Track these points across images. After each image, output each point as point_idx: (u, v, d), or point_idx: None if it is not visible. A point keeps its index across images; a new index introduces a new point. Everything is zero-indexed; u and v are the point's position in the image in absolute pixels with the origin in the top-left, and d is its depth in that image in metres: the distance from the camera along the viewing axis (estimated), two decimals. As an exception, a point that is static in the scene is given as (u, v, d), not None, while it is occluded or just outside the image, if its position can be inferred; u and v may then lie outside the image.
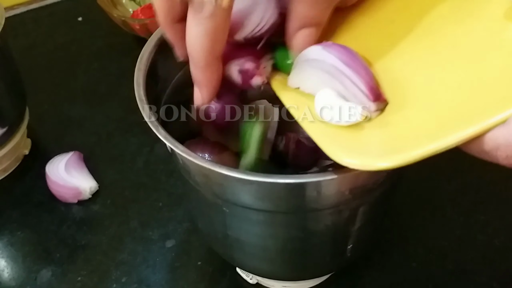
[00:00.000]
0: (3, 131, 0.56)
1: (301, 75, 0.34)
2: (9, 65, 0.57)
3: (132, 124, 0.64)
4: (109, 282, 0.49)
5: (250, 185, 0.32)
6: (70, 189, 0.55)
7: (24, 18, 0.84)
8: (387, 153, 0.29)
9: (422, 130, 0.29)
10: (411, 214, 0.53)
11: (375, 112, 0.32)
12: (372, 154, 0.30)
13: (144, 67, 0.39)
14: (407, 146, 0.29)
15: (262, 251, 0.39)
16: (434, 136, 0.28)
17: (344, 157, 0.29)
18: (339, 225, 0.37)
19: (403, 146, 0.29)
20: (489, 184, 0.55)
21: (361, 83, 0.31)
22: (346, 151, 0.30)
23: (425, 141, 0.28)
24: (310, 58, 0.33)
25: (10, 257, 0.52)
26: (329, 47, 0.33)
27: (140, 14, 0.74)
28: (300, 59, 0.34)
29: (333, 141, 0.31)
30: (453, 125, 0.28)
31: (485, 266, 0.48)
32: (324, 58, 0.32)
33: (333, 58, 0.32)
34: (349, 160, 0.29)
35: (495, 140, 0.27)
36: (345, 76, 0.32)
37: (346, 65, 0.32)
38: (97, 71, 0.73)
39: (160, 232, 0.53)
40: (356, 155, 0.29)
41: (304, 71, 0.34)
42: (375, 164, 0.28)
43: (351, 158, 0.29)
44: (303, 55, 0.34)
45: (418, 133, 0.29)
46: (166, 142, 0.33)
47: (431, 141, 0.28)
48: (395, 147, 0.29)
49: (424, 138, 0.29)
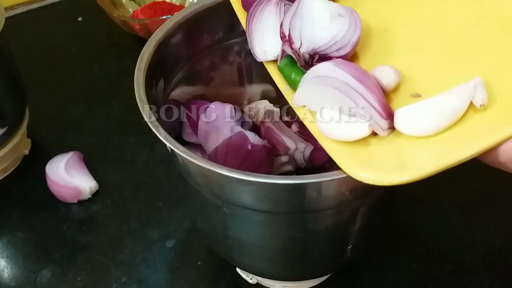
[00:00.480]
0: (3, 131, 0.56)
1: (309, 93, 0.33)
2: (9, 65, 0.57)
3: (132, 124, 0.64)
4: (109, 282, 0.49)
5: (250, 185, 0.32)
6: (70, 189, 0.55)
7: (24, 18, 0.84)
8: (402, 167, 0.29)
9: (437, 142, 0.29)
10: (411, 214, 0.53)
11: (387, 131, 0.31)
12: (387, 168, 0.29)
13: (144, 67, 0.39)
14: (423, 160, 0.29)
15: (262, 251, 0.39)
16: (449, 149, 0.28)
17: (358, 172, 0.29)
18: (339, 226, 0.37)
19: (419, 159, 0.29)
20: (489, 184, 0.55)
21: (374, 100, 0.31)
22: (360, 165, 0.30)
23: (441, 154, 0.28)
24: (321, 75, 0.33)
25: (10, 257, 0.52)
26: (341, 63, 0.32)
27: (140, 14, 0.74)
28: (308, 76, 0.34)
29: (347, 155, 0.31)
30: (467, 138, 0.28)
31: (485, 266, 0.48)
32: (336, 75, 0.32)
33: (345, 75, 0.31)
34: (364, 175, 0.29)
35: (509, 153, 0.27)
36: (357, 93, 0.31)
37: (359, 81, 0.31)
38: (97, 71, 0.73)
39: (160, 232, 0.53)
40: (371, 169, 0.29)
41: (313, 88, 0.33)
42: (391, 179, 0.28)
43: (366, 173, 0.29)
44: (312, 72, 0.33)
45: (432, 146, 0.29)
46: (166, 143, 0.33)
47: (446, 154, 0.28)
48: (410, 161, 0.29)
49: (439, 151, 0.29)
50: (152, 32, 0.42)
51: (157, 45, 0.40)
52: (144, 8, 0.75)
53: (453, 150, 0.28)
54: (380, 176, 0.29)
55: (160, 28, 0.42)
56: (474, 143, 0.28)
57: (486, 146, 0.27)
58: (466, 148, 0.28)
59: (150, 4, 0.76)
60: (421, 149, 0.29)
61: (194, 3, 0.44)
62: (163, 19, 0.65)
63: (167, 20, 0.42)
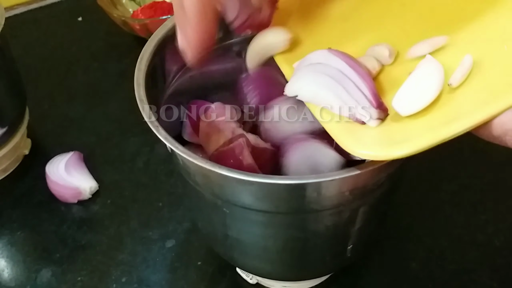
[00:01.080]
0: (3, 131, 0.56)
1: (301, 81, 0.34)
2: (9, 65, 0.57)
3: (132, 124, 0.64)
4: (109, 282, 0.49)
5: (250, 185, 0.32)
6: (70, 189, 0.55)
7: (24, 18, 0.84)
8: (399, 142, 0.29)
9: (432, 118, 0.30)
10: (411, 214, 0.53)
11: (376, 121, 0.31)
12: (385, 144, 0.30)
13: (144, 67, 0.39)
14: (419, 134, 0.29)
15: (262, 251, 0.39)
16: (444, 123, 0.29)
17: (358, 149, 0.30)
18: (339, 226, 0.37)
19: (415, 134, 0.29)
20: (489, 184, 0.55)
21: (366, 88, 0.31)
22: (359, 143, 0.30)
23: (436, 128, 0.29)
24: (314, 62, 0.33)
25: (10, 257, 0.52)
26: (335, 51, 0.33)
27: (140, 14, 0.74)
28: (302, 63, 0.34)
29: (347, 134, 0.31)
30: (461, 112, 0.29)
31: (485, 266, 0.48)
32: (330, 62, 0.32)
33: (339, 61, 0.32)
34: (363, 152, 0.29)
35: (503, 126, 0.27)
36: (349, 81, 0.32)
37: (352, 68, 0.32)
38: (97, 71, 0.73)
39: (160, 232, 0.53)
40: (369, 146, 0.30)
41: (305, 76, 0.33)
42: (390, 154, 0.29)
43: (365, 150, 0.30)
44: (307, 59, 0.34)
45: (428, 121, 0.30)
46: (166, 143, 0.33)
47: (441, 127, 0.28)
48: (406, 136, 0.29)
49: (434, 125, 0.29)
50: (152, 32, 0.42)
51: (157, 45, 0.40)
52: (144, 8, 0.75)
53: (447, 124, 0.28)
54: (378, 151, 0.29)
55: (160, 28, 0.42)
56: (467, 117, 0.28)
57: (480, 120, 0.28)
58: (459, 122, 0.28)
59: (150, 4, 0.76)
60: (417, 126, 0.30)
61: (194, 3, 0.44)
62: (163, 19, 0.65)
63: (167, 20, 0.42)
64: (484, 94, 0.29)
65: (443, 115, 0.30)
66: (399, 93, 0.31)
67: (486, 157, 0.58)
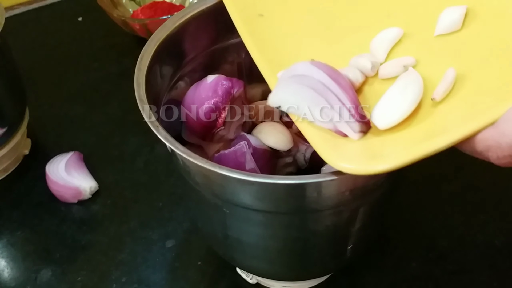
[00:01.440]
0: (3, 131, 0.56)
1: (284, 92, 0.33)
2: (9, 65, 0.57)
3: (132, 124, 0.64)
4: (109, 282, 0.49)
5: (250, 185, 0.32)
6: (70, 189, 0.55)
7: (24, 18, 0.84)
8: (379, 156, 0.29)
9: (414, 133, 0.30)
10: (411, 214, 0.53)
11: (358, 134, 0.31)
12: (365, 158, 0.30)
13: (144, 67, 0.39)
14: (400, 149, 0.29)
15: (262, 251, 0.39)
16: (426, 138, 0.28)
17: (338, 162, 0.30)
18: (339, 226, 0.37)
19: (396, 149, 0.29)
20: (489, 184, 0.55)
21: (348, 101, 0.31)
22: (341, 156, 0.30)
23: (417, 143, 0.28)
24: (297, 74, 0.33)
25: (10, 257, 0.52)
26: (318, 63, 0.33)
27: (140, 14, 0.75)
28: (285, 75, 0.34)
29: (328, 146, 0.31)
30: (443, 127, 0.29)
31: (485, 266, 0.48)
32: (312, 74, 0.32)
33: (322, 74, 0.32)
34: (344, 165, 0.29)
35: (485, 142, 0.27)
36: (331, 93, 0.31)
37: (334, 81, 0.32)
38: (97, 71, 0.73)
39: (160, 232, 0.53)
40: (350, 160, 0.30)
41: (288, 88, 0.33)
42: (369, 168, 0.28)
43: (346, 163, 0.29)
44: (290, 70, 0.34)
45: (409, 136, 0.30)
46: (166, 143, 0.33)
47: (422, 143, 0.28)
48: (387, 151, 0.29)
49: (415, 140, 0.29)
50: (152, 32, 0.42)
51: (157, 45, 0.40)
52: (144, 8, 0.75)
53: (429, 140, 0.28)
54: (358, 165, 0.29)
55: (160, 28, 0.42)
56: (449, 133, 0.28)
57: (461, 136, 0.27)
58: (441, 138, 0.28)
59: (150, 4, 0.76)
60: (398, 141, 0.30)
61: (194, 3, 0.44)
62: (163, 19, 0.65)
63: (167, 20, 0.42)
64: (466, 109, 0.29)
65: (425, 130, 0.29)
66: (377, 106, 0.31)
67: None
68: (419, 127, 0.30)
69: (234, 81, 0.42)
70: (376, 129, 0.31)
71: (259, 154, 0.41)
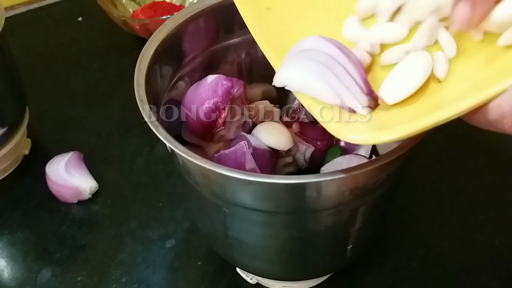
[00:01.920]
0: (3, 131, 0.56)
1: (291, 69, 0.32)
2: (9, 65, 0.57)
3: (132, 124, 0.64)
4: (109, 282, 0.49)
5: (250, 185, 0.32)
6: (70, 189, 0.55)
7: (24, 18, 0.84)
8: (388, 127, 0.29)
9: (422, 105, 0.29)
10: (411, 214, 0.53)
11: (366, 109, 0.31)
12: (374, 129, 0.30)
13: (144, 67, 0.39)
14: (408, 119, 0.28)
15: (262, 251, 0.39)
16: (434, 109, 0.28)
17: (348, 134, 0.29)
18: (339, 226, 0.37)
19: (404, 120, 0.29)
20: (489, 184, 0.55)
21: (357, 74, 0.31)
22: (349, 128, 0.30)
23: (426, 113, 0.28)
24: (306, 48, 0.32)
25: (10, 257, 0.52)
26: (326, 38, 0.32)
27: (140, 14, 0.75)
28: (292, 50, 0.33)
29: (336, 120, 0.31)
30: (453, 97, 0.28)
31: (485, 266, 0.48)
32: (321, 47, 0.32)
33: (332, 47, 0.31)
34: (353, 136, 0.29)
35: (499, 108, 0.26)
36: (341, 67, 0.31)
37: (344, 54, 0.31)
38: (97, 71, 0.73)
39: (160, 232, 0.53)
40: (359, 131, 0.29)
41: (295, 64, 0.32)
42: (379, 138, 0.28)
43: (355, 134, 0.29)
44: (297, 46, 0.33)
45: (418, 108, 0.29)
46: (166, 143, 0.33)
47: (431, 113, 0.28)
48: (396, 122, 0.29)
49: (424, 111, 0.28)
50: (152, 32, 0.42)
51: (157, 45, 0.40)
52: (144, 8, 0.75)
53: (437, 110, 0.28)
54: (367, 136, 0.29)
55: (160, 28, 0.42)
56: (459, 101, 0.27)
57: (473, 104, 0.27)
58: (451, 107, 0.27)
59: (150, 4, 0.76)
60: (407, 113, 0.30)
61: (194, 3, 0.44)
62: (163, 19, 0.65)
63: (167, 20, 0.42)
64: (477, 80, 0.28)
65: (435, 101, 0.29)
66: (385, 82, 0.31)
67: (486, 157, 0.58)
68: (428, 100, 0.29)
69: (234, 81, 0.42)
70: (383, 105, 0.31)
71: (259, 154, 0.41)
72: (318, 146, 0.46)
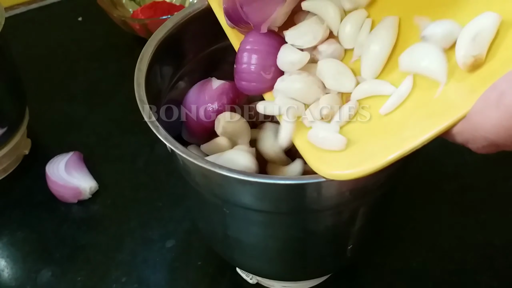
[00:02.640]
0: (3, 131, 0.56)
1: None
2: (9, 65, 0.57)
3: (132, 124, 0.64)
4: (109, 282, 0.49)
5: (250, 186, 0.32)
6: (70, 189, 0.55)
7: (24, 18, 0.84)
8: (363, 161, 0.30)
9: (386, 138, 0.30)
10: (411, 214, 0.53)
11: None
12: (352, 164, 0.30)
13: (144, 67, 0.39)
14: (377, 152, 0.29)
15: (262, 251, 0.39)
16: (398, 141, 0.29)
17: (329, 170, 0.31)
18: (339, 226, 0.37)
19: (370, 156, 0.30)
20: (488, 184, 0.55)
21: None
22: (330, 165, 0.31)
23: (390, 147, 0.29)
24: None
25: (10, 257, 0.52)
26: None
27: (140, 14, 0.74)
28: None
29: (317, 157, 0.32)
30: (415, 128, 0.29)
31: (485, 266, 0.48)
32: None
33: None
34: (335, 172, 0.30)
35: (461, 136, 0.27)
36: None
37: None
38: (97, 71, 0.73)
39: (160, 232, 0.53)
40: (339, 167, 0.30)
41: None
42: (358, 172, 0.30)
43: (336, 171, 0.30)
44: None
45: (383, 143, 0.30)
46: (166, 143, 0.33)
47: (395, 146, 0.29)
48: (369, 155, 0.30)
49: (388, 146, 0.29)
50: (152, 32, 0.42)
51: (157, 45, 0.40)
52: (144, 8, 0.75)
53: (403, 141, 0.29)
54: (348, 171, 0.30)
55: (160, 28, 0.42)
56: (423, 131, 0.28)
57: (434, 133, 0.28)
58: (415, 137, 0.28)
59: (150, 4, 0.76)
60: (373, 143, 0.31)
61: (194, 3, 0.44)
62: (163, 19, 0.65)
63: (167, 20, 0.42)
64: (436, 107, 0.29)
65: (400, 130, 0.30)
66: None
67: (486, 157, 0.57)
68: (392, 130, 0.30)
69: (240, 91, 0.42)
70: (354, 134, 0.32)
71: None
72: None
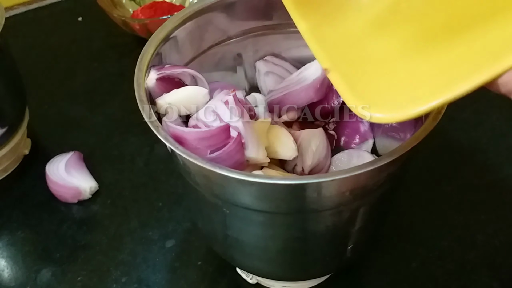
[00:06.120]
0: (3, 131, 0.56)
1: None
2: (9, 65, 0.57)
3: (132, 124, 0.64)
4: (109, 282, 0.49)
5: (251, 186, 0.32)
6: (70, 189, 0.55)
7: (24, 18, 0.84)
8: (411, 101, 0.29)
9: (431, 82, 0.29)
10: (411, 214, 0.53)
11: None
12: (397, 103, 0.30)
13: (144, 67, 0.39)
14: (428, 93, 0.29)
15: (262, 251, 0.39)
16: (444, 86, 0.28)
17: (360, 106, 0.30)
18: (339, 226, 0.37)
19: (424, 93, 0.29)
20: (488, 184, 0.55)
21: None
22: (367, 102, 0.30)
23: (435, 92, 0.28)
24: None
25: (10, 257, 0.52)
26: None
27: (140, 14, 0.74)
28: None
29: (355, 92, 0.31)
30: (468, 71, 0.28)
31: (485, 266, 0.48)
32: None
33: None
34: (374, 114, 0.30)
35: (506, 86, 0.27)
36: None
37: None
38: (97, 71, 0.73)
39: (160, 232, 0.53)
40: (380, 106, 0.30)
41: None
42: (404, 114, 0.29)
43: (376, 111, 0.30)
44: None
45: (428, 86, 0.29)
46: (166, 143, 0.33)
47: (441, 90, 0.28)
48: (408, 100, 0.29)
49: (433, 90, 0.29)
50: (152, 32, 0.42)
51: (157, 45, 0.40)
52: (144, 8, 0.75)
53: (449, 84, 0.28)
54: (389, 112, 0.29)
55: (160, 28, 0.42)
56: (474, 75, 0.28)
57: (482, 80, 0.27)
58: (467, 80, 0.28)
59: (150, 4, 0.76)
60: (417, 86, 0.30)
61: (194, 3, 0.44)
62: (163, 19, 0.65)
63: (167, 20, 0.42)
64: (485, 55, 0.28)
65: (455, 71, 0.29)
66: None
67: (486, 157, 0.58)
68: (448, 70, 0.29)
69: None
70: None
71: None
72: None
